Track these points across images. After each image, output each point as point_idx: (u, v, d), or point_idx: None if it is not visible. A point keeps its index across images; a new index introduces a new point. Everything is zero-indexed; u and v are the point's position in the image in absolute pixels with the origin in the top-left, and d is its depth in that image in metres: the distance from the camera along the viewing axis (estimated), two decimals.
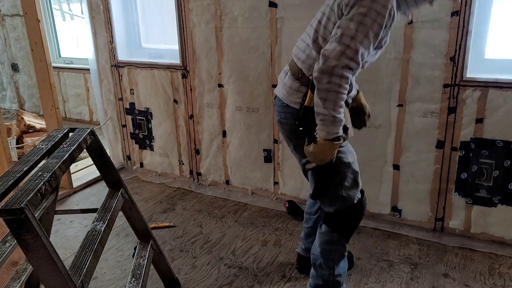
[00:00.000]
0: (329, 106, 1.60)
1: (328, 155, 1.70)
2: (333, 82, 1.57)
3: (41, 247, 1.22)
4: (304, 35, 1.88)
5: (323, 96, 1.59)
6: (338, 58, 1.56)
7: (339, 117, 1.63)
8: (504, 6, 2.42)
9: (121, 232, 2.88)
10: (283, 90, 1.90)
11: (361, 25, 1.56)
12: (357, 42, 1.56)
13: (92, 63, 3.70)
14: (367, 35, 1.57)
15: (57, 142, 1.75)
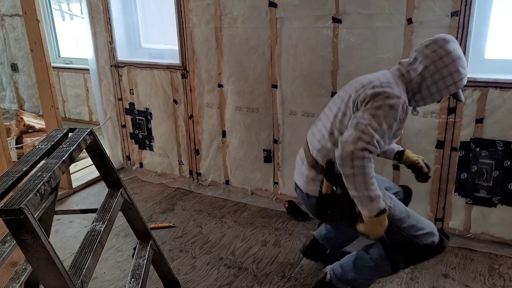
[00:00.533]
0: (360, 188, 1.64)
1: (380, 229, 1.70)
2: (356, 165, 1.62)
3: (40, 248, 1.21)
4: (319, 125, 1.94)
5: (351, 180, 1.64)
6: (355, 142, 1.62)
7: (374, 194, 1.65)
8: (504, 6, 2.42)
9: (120, 232, 2.88)
10: (301, 180, 1.94)
11: (375, 116, 1.65)
12: (372, 129, 1.63)
13: (92, 63, 3.69)
14: (381, 124, 1.64)
15: (57, 142, 1.75)
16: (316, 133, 1.93)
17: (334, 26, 2.66)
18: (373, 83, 1.76)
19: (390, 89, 1.70)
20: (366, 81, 1.80)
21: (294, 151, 3.04)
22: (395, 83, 1.75)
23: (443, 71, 1.71)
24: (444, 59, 1.71)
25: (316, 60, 2.78)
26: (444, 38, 1.77)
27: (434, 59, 1.72)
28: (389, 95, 1.68)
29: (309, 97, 2.88)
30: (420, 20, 2.43)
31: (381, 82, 1.74)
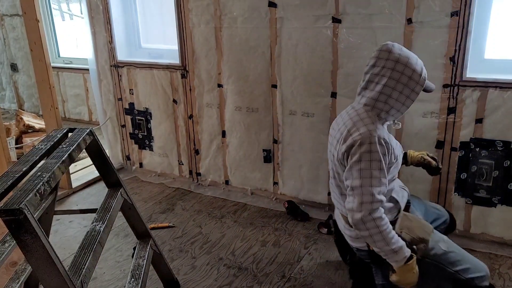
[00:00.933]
0: (381, 245, 1.66)
1: (413, 276, 1.70)
2: (370, 227, 1.64)
3: (40, 248, 1.21)
4: (332, 186, 1.96)
5: (370, 241, 1.67)
6: (360, 209, 1.63)
7: (396, 246, 1.66)
8: (504, 6, 2.42)
9: (120, 232, 2.88)
10: (347, 236, 1.96)
11: (361, 170, 1.64)
12: (367, 187, 1.63)
13: (92, 63, 3.69)
14: (371, 175, 1.64)
15: (56, 142, 1.75)
16: (334, 194, 1.98)
17: (334, 26, 2.66)
18: (343, 135, 1.75)
19: (359, 134, 1.68)
20: (338, 133, 1.79)
21: (294, 151, 3.05)
22: (360, 120, 1.73)
23: (402, 79, 1.69)
24: (397, 68, 1.69)
25: (316, 60, 2.78)
26: (385, 49, 1.73)
27: (387, 74, 1.70)
28: (361, 140, 1.66)
29: (309, 97, 2.88)
30: (420, 20, 2.43)
31: (348, 130, 1.73)
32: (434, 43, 2.43)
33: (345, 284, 2.32)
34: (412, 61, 1.72)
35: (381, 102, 1.73)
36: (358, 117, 1.75)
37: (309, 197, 3.11)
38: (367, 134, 1.67)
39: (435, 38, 2.42)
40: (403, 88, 1.70)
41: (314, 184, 3.05)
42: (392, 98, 1.72)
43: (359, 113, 1.76)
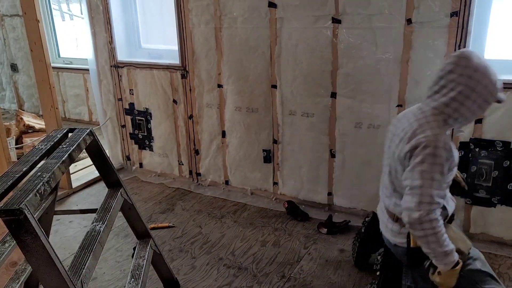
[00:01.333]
0: (434, 246, 1.66)
1: (452, 282, 1.73)
2: (426, 228, 1.64)
3: (40, 248, 1.21)
4: (384, 179, 1.97)
5: (424, 241, 1.67)
6: (418, 209, 1.63)
7: (448, 249, 1.67)
8: (504, 6, 2.42)
9: (120, 232, 2.88)
10: (388, 232, 1.96)
11: (423, 172, 1.65)
12: (427, 188, 1.64)
13: (92, 63, 3.69)
14: (432, 178, 1.64)
15: (57, 142, 1.75)
16: (384, 189, 1.98)
17: (333, 26, 2.66)
18: (407, 135, 1.75)
19: (424, 136, 1.68)
20: (403, 132, 1.79)
21: (294, 151, 3.05)
22: (427, 122, 1.72)
23: (478, 88, 1.66)
24: (474, 77, 1.66)
25: (316, 60, 2.78)
26: (464, 56, 1.70)
27: (464, 81, 1.67)
28: (425, 144, 1.66)
29: (309, 97, 2.88)
30: (420, 21, 2.43)
31: (414, 130, 1.73)
32: (434, 43, 2.43)
33: (345, 284, 2.32)
34: (490, 71, 1.68)
35: (452, 108, 1.71)
36: (425, 120, 1.74)
37: (309, 197, 3.11)
38: (433, 137, 1.67)
39: (435, 38, 2.42)
40: (477, 98, 1.67)
41: (314, 184, 3.05)
42: (465, 106, 1.69)
43: (426, 116, 1.75)
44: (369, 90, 2.68)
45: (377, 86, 2.65)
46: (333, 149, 2.91)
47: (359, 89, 2.71)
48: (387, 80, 2.61)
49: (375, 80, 2.64)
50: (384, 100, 2.66)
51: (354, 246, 2.43)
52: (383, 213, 1.99)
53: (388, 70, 2.59)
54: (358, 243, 2.39)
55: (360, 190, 2.90)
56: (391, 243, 1.95)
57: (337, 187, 2.98)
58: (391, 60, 2.57)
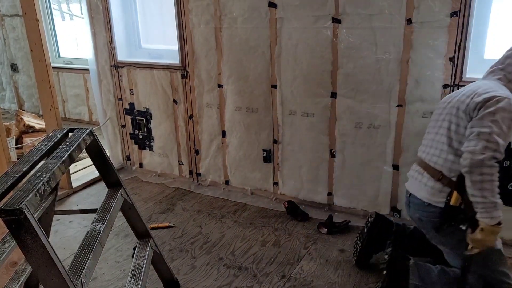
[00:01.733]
0: (487, 194, 1.71)
1: (492, 240, 1.78)
2: (486, 173, 1.70)
3: (40, 248, 1.21)
4: (432, 139, 2.01)
5: (479, 187, 1.72)
6: (483, 152, 1.70)
7: (499, 201, 1.72)
8: (504, 6, 2.42)
9: (120, 232, 2.88)
10: (423, 191, 1.98)
11: (493, 122, 1.72)
12: (495, 135, 1.71)
13: (92, 63, 3.69)
14: (501, 128, 1.72)
15: (57, 142, 1.75)
16: (432, 148, 2.01)
17: (333, 26, 2.66)
18: (477, 92, 1.84)
19: (498, 93, 1.78)
20: (469, 92, 1.88)
21: (294, 151, 3.05)
22: (498, 86, 1.84)
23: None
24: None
25: (316, 60, 2.78)
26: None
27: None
28: (499, 98, 1.75)
29: (309, 97, 2.88)
30: (420, 20, 2.43)
31: (485, 89, 1.82)
32: (434, 44, 2.43)
33: (345, 284, 2.32)
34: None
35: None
36: (496, 85, 1.86)
37: (309, 197, 3.11)
38: (505, 96, 1.77)
39: (435, 38, 2.42)
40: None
41: (314, 184, 3.05)
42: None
43: (495, 84, 1.87)
44: (369, 90, 2.68)
45: (377, 86, 2.65)
46: (333, 149, 2.91)
47: (359, 89, 2.71)
48: (387, 80, 2.61)
49: (375, 80, 2.64)
50: (384, 100, 2.66)
51: (356, 246, 2.42)
52: (421, 174, 2.01)
53: (388, 70, 2.59)
54: (360, 243, 2.39)
55: (360, 190, 2.90)
56: (424, 203, 1.97)
57: (337, 187, 2.98)
58: (391, 60, 2.57)
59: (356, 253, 2.41)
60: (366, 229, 2.37)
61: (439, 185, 1.91)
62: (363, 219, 2.91)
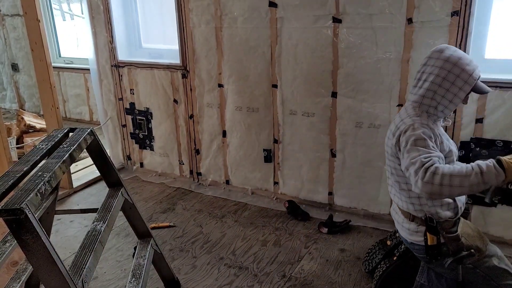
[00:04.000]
0: (466, 182, 1.55)
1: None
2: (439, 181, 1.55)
3: (41, 247, 1.22)
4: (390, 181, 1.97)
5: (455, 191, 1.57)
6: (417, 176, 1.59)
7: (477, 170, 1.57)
8: (504, 6, 2.42)
9: (121, 232, 2.88)
10: (403, 231, 1.95)
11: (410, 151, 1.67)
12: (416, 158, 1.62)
13: (92, 63, 3.70)
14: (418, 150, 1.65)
15: (57, 142, 1.75)
16: (393, 189, 1.98)
17: (334, 26, 2.66)
18: (392, 131, 1.84)
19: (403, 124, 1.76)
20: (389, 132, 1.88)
21: (294, 151, 3.05)
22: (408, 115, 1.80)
23: (449, 77, 1.74)
24: (445, 66, 1.74)
25: (316, 60, 2.78)
26: (437, 49, 1.79)
27: (435, 72, 1.75)
28: (405, 128, 1.74)
29: (309, 97, 2.88)
30: (420, 20, 2.43)
31: (396, 125, 1.82)
32: (435, 43, 2.42)
33: (345, 283, 2.32)
34: (463, 61, 1.76)
35: (428, 98, 1.78)
36: (405, 114, 1.83)
37: (310, 196, 3.11)
38: (410, 122, 1.74)
39: (436, 38, 2.42)
40: (450, 86, 1.75)
41: (315, 184, 3.05)
42: (439, 95, 1.76)
43: (407, 110, 1.84)
44: (369, 89, 2.68)
45: (378, 85, 2.65)
46: (333, 148, 2.91)
47: (359, 89, 2.71)
48: (387, 79, 2.61)
49: (375, 79, 2.64)
50: (384, 99, 2.65)
51: (373, 256, 2.31)
52: (397, 214, 1.99)
53: (389, 69, 2.59)
54: (380, 255, 2.26)
55: (361, 189, 2.90)
56: (408, 241, 1.95)
57: (338, 187, 2.98)
58: (392, 59, 2.56)
59: (372, 263, 2.30)
60: (392, 244, 2.23)
61: (414, 225, 1.87)
62: (364, 218, 2.91)
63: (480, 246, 1.82)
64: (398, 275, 2.17)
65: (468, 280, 1.85)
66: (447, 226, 1.80)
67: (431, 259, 1.84)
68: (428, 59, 1.80)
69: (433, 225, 1.80)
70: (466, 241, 1.81)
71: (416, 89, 1.83)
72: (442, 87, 1.75)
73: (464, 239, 1.80)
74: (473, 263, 1.82)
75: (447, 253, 1.81)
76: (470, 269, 1.82)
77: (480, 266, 1.82)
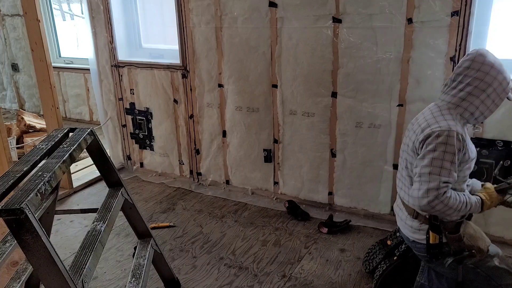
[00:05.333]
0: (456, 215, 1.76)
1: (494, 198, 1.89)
2: (439, 210, 1.71)
3: (41, 247, 1.22)
4: (400, 176, 2.00)
5: (447, 215, 1.75)
6: (426, 195, 1.69)
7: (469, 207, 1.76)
8: (504, 6, 2.42)
9: (121, 232, 2.88)
10: (406, 229, 1.97)
11: (434, 160, 1.70)
12: (436, 175, 1.69)
13: (92, 63, 3.70)
14: (442, 166, 1.70)
15: (57, 142, 1.75)
16: (401, 183, 1.99)
17: (334, 26, 2.66)
18: (421, 126, 1.82)
19: (438, 126, 1.75)
20: (417, 127, 1.86)
21: (294, 151, 3.05)
22: (442, 115, 1.80)
23: (494, 84, 1.76)
24: (491, 73, 1.76)
25: (317, 60, 2.78)
26: (481, 53, 1.79)
27: (481, 76, 1.76)
28: (439, 133, 1.73)
29: (310, 97, 2.88)
30: (421, 20, 2.43)
31: (428, 123, 1.80)
32: (435, 43, 2.43)
33: (345, 283, 2.32)
34: (504, 68, 1.79)
35: (468, 102, 1.78)
36: (439, 113, 1.82)
37: (310, 196, 3.11)
38: (446, 127, 1.74)
39: (436, 38, 2.42)
40: (492, 93, 1.77)
41: (315, 184, 3.05)
42: (480, 100, 1.77)
43: (441, 109, 1.83)
44: (369, 89, 2.68)
45: (378, 85, 2.65)
46: (333, 148, 2.91)
47: (359, 89, 2.71)
48: (387, 79, 2.61)
49: (375, 79, 2.64)
50: (384, 99, 2.65)
51: (373, 256, 2.30)
52: (401, 210, 1.99)
53: (389, 69, 2.59)
54: (381, 255, 2.26)
55: (361, 189, 2.90)
56: (409, 239, 1.96)
57: (338, 187, 2.98)
58: (392, 59, 2.56)
59: (372, 263, 2.29)
60: (392, 244, 2.23)
61: (417, 223, 1.89)
62: (364, 218, 2.91)
63: (481, 247, 1.83)
64: (399, 275, 2.16)
65: (469, 279, 1.86)
66: (450, 226, 1.81)
67: (432, 258, 1.85)
68: (472, 63, 1.78)
69: (436, 224, 1.80)
70: (468, 241, 1.81)
71: (456, 91, 1.80)
72: (486, 92, 1.76)
73: (466, 240, 1.81)
74: (474, 263, 1.82)
75: (448, 252, 1.82)
76: (471, 268, 1.83)
77: (481, 266, 1.83)
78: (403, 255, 2.14)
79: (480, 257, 1.81)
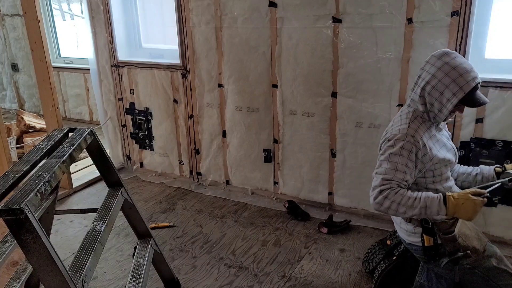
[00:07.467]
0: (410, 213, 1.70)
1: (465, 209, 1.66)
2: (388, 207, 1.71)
3: (41, 247, 1.22)
4: None
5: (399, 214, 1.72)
6: (372, 193, 1.74)
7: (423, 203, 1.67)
8: (504, 6, 2.42)
9: (121, 232, 2.88)
10: (401, 232, 1.98)
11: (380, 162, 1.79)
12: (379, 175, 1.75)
13: (92, 63, 3.70)
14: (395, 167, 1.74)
15: (57, 142, 1.75)
16: None
17: (334, 26, 2.66)
18: (383, 133, 1.89)
19: (391, 132, 1.80)
20: (384, 132, 1.91)
21: (294, 151, 3.05)
22: (399, 120, 1.84)
23: (444, 80, 1.72)
24: (442, 69, 1.73)
25: (317, 60, 2.78)
26: (437, 54, 1.77)
27: (431, 74, 1.75)
28: (389, 138, 1.79)
29: (309, 97, 2.88)
30: (421, 20, 2.43)
31: (386, 129, 1.87)
32: (435, 43, 2.43)
33: (345, 283, 2.32)
34: (462, 67, 1.71)
35: (422, 100, 1.80)
36: (398, 118, 1.86)
37: (310, 196, 3.11)
38: (396, 132, 1.79)
39: (436, 38, 2.42)
40: (444, 90, 1.72)
41: (315, 184, 3.05)
42: (432, 97, 1.76)
43: (401, 114, 1.87)
44: (369, 89, 2.68)
45: (378, 85, 2.65)
46: (333, 148, 2.91)
47: (359, 89, 2.71)
48: (387, 79, 2.61)
49: (375, 79, 2.64)
50: (384, 99, 2.65)
51: (373, 256, 2.30)
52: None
53: (389, 69, 2.59)
54: (381, 255, 2.25)
55: (361, 189, 2.90)
56: (406, 242, 1.97)
57: (338, 187, 2.98)
58: (392, 59, 2.56)
59: (371, 263, 2.29)
60: (392, 244, 2.23)
61: (411, 227, 1.89)
62: (364, 218, 2.91)
63: (477, 246, 1.82)
64: (398, 274, 2.17)
65: (467, 280, 1.86)
66: (444, 227, 1.80)
67: (429, 260, 1.85)
68: (426, 64, 1.80)
69: (428, 227, 1.81)
70: (463, 241, 1.81)
71: (412, 92, 1.85)
72: (437, 89, 1.74)
73: (461, 240, 1.81)
74: (471, 263, 1.82)
75: (445, 253, 1.82)
76: (468, 269, 1.83)
77: (478, 267, 1.83)
78: (402, 255, 2.14)
79: (476, 257, 1.81)
